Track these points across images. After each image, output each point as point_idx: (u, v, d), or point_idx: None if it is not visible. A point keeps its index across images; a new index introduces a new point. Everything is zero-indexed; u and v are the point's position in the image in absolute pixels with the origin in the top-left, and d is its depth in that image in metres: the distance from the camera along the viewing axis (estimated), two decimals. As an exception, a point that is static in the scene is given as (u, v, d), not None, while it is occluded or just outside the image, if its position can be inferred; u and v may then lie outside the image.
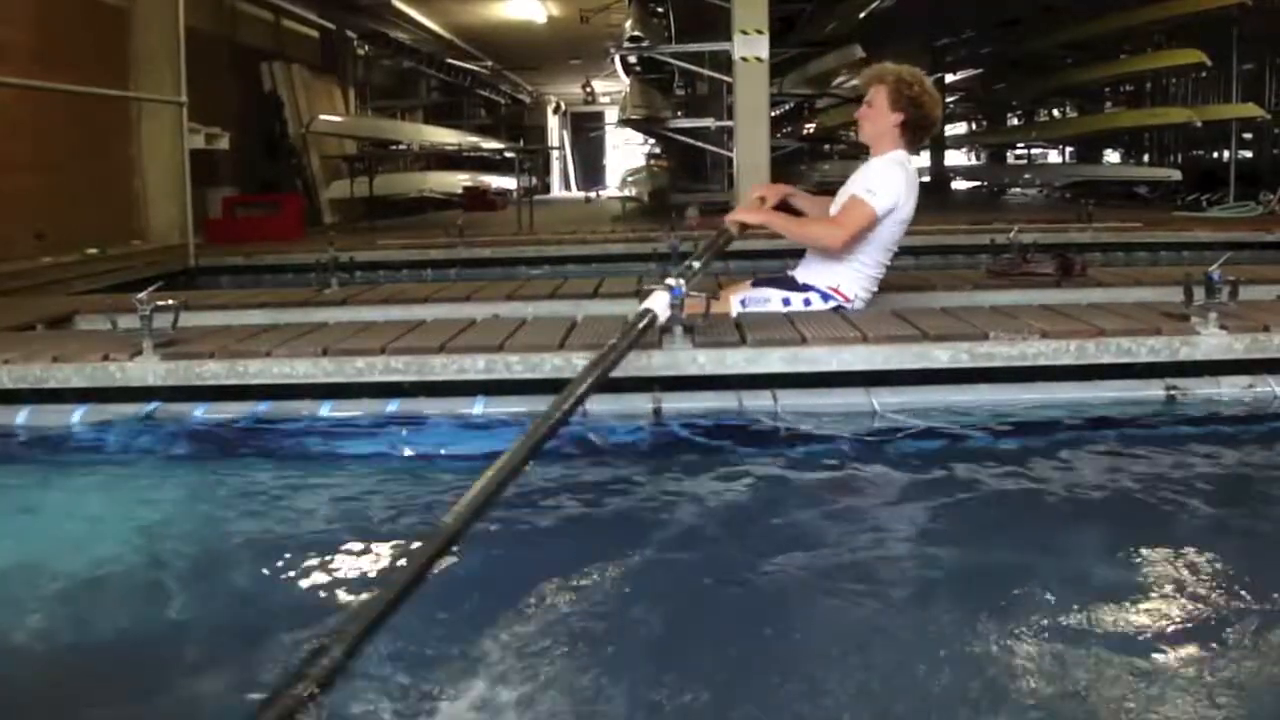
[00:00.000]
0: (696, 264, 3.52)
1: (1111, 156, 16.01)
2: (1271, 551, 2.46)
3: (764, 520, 2.67)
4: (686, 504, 2.76)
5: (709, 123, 11.47)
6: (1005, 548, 2.44)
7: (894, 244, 3.85)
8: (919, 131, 3.82)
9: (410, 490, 2.94)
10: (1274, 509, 2.71)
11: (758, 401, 3.30)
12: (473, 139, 17.70)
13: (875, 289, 3.92)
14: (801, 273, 3.92)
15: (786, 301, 3.87)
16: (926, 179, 18.91)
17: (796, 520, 2.66)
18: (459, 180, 15.75)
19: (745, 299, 3.93)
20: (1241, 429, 3.20)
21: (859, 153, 16.55)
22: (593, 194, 20.13)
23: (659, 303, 3.17)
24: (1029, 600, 2.14)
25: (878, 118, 3.78)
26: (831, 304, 3.83)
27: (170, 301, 3.53)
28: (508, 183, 15.73)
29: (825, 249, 3.79)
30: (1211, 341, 3.33)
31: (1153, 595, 2.19)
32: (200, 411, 3.33)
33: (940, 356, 3.31)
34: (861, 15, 11.24)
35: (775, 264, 4.81)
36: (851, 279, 3.83)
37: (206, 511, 2.86)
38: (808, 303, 3.84)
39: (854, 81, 18.45)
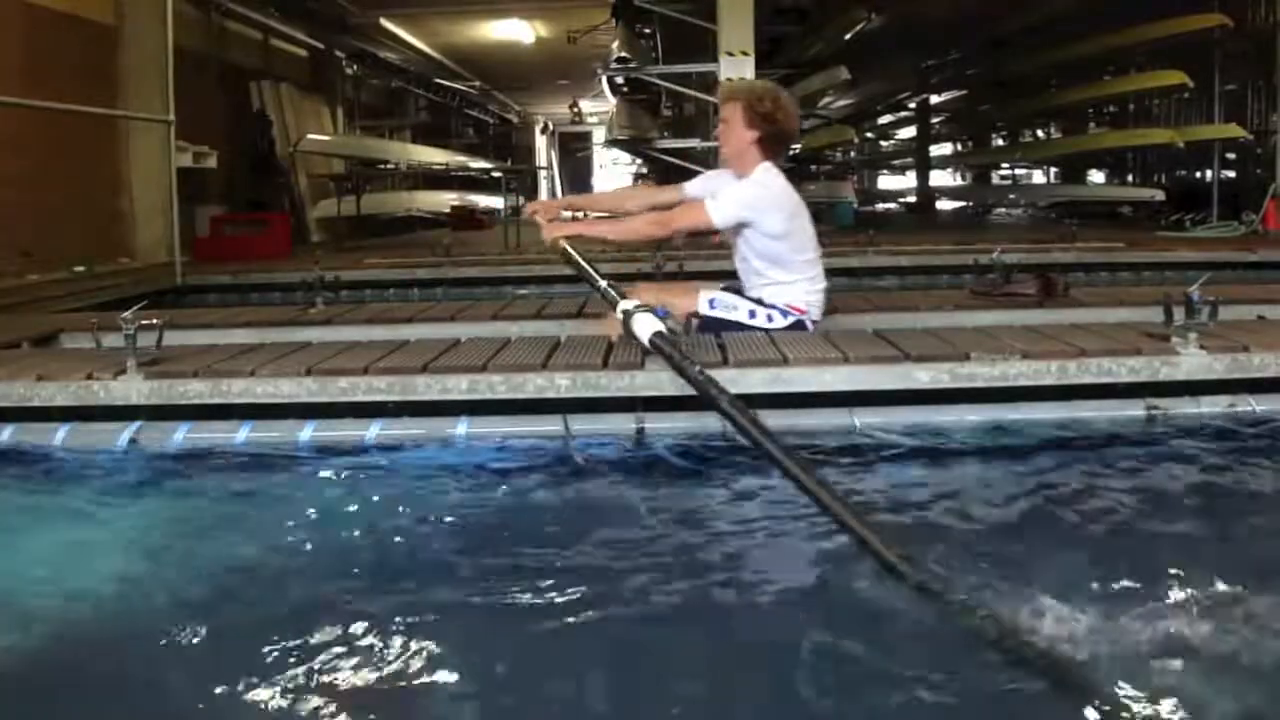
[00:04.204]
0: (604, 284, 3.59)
1: (1095, 177, 16.09)
2: (1252, 569, 2.47)
3: (744, 540, 2.68)
4: (668, 524, 2.76)
5: (695, 143, 11.50)
6: (985, 568, 2.45)
7: (798, 250, 3.85)
8: (777, 145, 3.89)
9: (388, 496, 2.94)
10: (1256, 527, 2.72)
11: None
12: (460, 158, 17.74)
13: (823, 299, 3.95)
14: (752, 292, 3.94)
15: (752, 314, 3.88)
16: (913, 199, 19.08)
17: (778, 540, 2.66)
18: (446, 199, 15.77)
19: (714, 300, 3.93)
20: (1221, 447, 3.22)
21: (844, 172, 16.67)
22: (580, 214, 20.10)
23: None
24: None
25: (733, 136, 3.86)
26: (791, 319, 3.85)
27: (155, 320, 3.53)
28: (495, 202, 15.74)
29: (648, 238, 4.04)
30: (1192, 361, 3.36)
31: (1133, 613, 2.20)
32: (183, 431, 3.33)
33: (922, 377, 3.33)
34: (847, 37, 11.30)
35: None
36: (794, 293, 3.86)
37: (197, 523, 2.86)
38: (770, 319, 3.87)
39: (841, 102, 18.62)
